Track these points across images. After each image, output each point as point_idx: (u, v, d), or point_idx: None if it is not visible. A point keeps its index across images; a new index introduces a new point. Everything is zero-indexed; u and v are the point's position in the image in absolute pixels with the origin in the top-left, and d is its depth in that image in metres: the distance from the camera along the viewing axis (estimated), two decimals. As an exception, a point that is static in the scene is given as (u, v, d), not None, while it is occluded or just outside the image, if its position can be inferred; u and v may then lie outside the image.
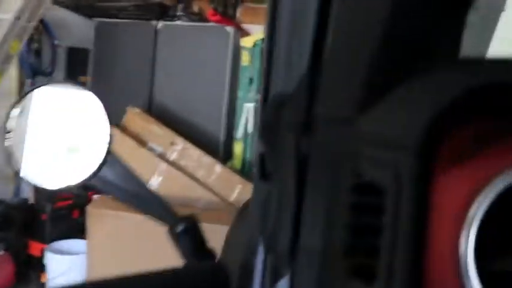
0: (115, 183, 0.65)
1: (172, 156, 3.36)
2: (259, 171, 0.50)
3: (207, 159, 3.37)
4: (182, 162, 3.35)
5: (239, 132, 3.94)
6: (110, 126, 0.70)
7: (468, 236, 0.28)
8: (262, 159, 0.49)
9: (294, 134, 0.41)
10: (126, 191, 0.66)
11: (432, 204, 0.29)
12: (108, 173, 0.64)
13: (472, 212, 0.28)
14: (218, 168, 3.35)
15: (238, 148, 3.95)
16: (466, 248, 0.28)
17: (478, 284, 0.28)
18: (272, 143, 0.46)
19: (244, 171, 3.87)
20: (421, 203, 0.29)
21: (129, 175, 0.66)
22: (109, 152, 0.65)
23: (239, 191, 3.30)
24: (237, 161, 3.95)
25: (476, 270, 0.27)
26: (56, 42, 4.07)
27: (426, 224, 0.29)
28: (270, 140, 0.47)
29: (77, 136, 0.71)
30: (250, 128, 3.90)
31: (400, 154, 0.30)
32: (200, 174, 3.32)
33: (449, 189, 0.29)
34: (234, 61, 3.89)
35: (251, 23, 4.08)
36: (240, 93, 3.95)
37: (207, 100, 3.88)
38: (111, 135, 0.68)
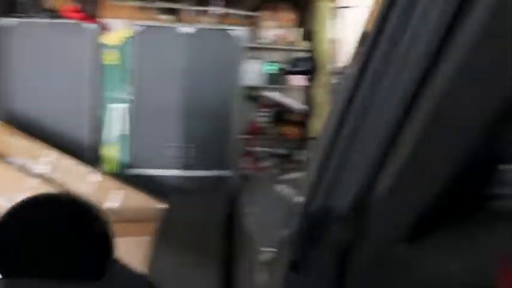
0: None
1: (41, 169, 3.09)
2: (291, 263, 0.52)
3: (80, 168, 3.18)
4: (53, 175, 3.10)
5: (109, 135, 3.77)
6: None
7: None
8: (294, 255, 0.52)
9: (340, 249, 0.45)
10: None
11: None
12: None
13: None
14: (93, 176, 3.17)
15: (109, 151, 3.78)
16: None
17: None
18: (309, 248, 0.49)
19: (118, 175, 3.72)
20: None
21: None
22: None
23: (120, 197, 3.17)
24: (109, 165, 3.78)
25: None
26: None
27: None
28: (306, 246, 0.50)
29: None
30: (121, 129, 3.74)
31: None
32: (75, 185, 3.11)
33: None
34: (96, 60, 3.67)
35: (113, 17, 3.87)
36: (107, 94, 3.77)
37: (71, 103, 3.62)
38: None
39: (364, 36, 0.51)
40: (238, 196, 1.81)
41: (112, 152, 3.77)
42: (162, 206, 3.24)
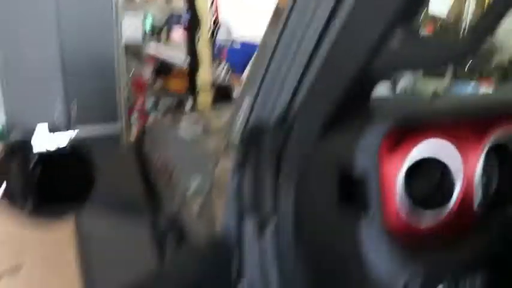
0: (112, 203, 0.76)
1: None
2: (236, 163, 0.72)
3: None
4: None
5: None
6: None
7: (399, 179, 0.62)
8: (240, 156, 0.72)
9: (274, 149, 0.66)
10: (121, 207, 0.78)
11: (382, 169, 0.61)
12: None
13: (401, 169, 0.61)
14: (-27, 143, 3.00)
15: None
16: (399, 184, 0.61)
17: (403, 199, 0.62)
18: (252, 147, 0.70)
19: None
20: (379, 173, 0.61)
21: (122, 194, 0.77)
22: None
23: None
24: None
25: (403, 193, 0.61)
26: None
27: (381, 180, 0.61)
28: (250, 144, 0.70)
29: None
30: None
31: (369, 157, 0.60)
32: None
33: (391, 161, 0.61)
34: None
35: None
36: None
37: None
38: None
39: (277, 11, 0.72)
40: (143, 146, 1.92)
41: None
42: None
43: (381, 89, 0.71)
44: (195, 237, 0.89)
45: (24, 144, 0.81)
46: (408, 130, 0.67)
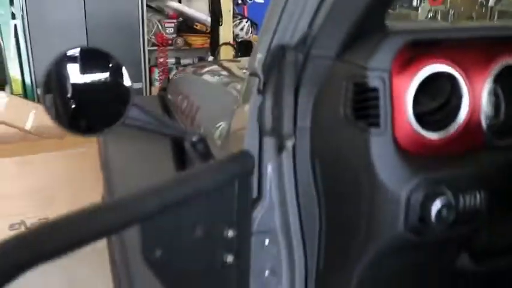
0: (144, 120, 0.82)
1: None
2: (257, 88, 0.77)
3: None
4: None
5: (10, 53, 3.61)
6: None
7: (409, 95, 0.66)
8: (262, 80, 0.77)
9: (295, 66, 0.71)
10: (152, 124, 0.84)
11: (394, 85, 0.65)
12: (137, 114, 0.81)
13: (412, 85, 0.65)
14: (4, 97, 3.11)
15: (13, 70, 3.64)
16: (409, 100, 0.65)
17: (412, 115, 0.66)
18: (273, 71, 0.74)
19: (27, 95, 3.64)
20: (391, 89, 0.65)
21: (153, 113, 0.83)
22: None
23: (34, 117, 3.17)
24: (16, 86, 3.67)
25: (412, 109, 0.65)
26: None
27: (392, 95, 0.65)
28: (271, 69, 0.75)
29: None
30: (23, 46, 3.60)
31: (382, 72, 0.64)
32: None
33: (402, 77, 0.65)
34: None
35: None
36: (1, 10, 3.55)
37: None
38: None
39: None
40: (167, 94, 1.98)
41: (15, 71, 3.65)
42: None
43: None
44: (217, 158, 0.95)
45: (60, 73, 0.86)
46: (419, 50, 0.70)
